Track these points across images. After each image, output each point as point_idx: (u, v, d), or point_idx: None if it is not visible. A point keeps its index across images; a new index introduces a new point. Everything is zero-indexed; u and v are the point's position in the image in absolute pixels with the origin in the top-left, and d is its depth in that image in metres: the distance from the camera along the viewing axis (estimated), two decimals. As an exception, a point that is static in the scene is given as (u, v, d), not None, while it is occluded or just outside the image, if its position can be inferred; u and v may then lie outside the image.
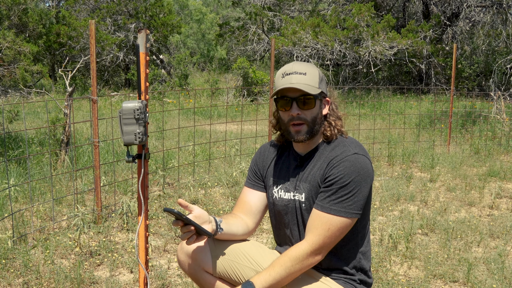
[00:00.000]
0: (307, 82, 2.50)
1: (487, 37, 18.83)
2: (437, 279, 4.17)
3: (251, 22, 21.15)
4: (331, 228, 2.43)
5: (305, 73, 2.52)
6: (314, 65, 2.59)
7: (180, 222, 2.41)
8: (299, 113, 2.51)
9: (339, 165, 2.46)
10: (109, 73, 20.77)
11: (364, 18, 16.94)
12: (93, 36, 5.06)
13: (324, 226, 2.43)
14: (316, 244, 2.45)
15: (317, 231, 2.44)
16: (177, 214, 2.35)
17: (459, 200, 6.42)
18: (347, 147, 2.53)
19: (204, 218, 2.49)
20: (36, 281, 3.95)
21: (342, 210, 2.43)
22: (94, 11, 20.12)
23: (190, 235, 2.43)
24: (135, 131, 2.52)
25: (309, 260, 2.46)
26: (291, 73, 2.52)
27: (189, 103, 15.28)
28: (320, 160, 2.57)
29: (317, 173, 2.54)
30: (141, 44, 2.56)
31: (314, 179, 2.54)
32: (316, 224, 2.45)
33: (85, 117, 11.91)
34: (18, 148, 7.81)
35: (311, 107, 2.52)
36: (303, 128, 2.53)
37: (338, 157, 2.49)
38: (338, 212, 2.43)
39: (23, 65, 15.68)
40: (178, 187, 6.57)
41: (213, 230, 2.51)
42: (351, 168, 2.44)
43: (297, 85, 2.48)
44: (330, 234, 2.44)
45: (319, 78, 2.55)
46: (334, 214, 2.43)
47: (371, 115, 12.45)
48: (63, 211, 5.64)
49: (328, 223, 2.43)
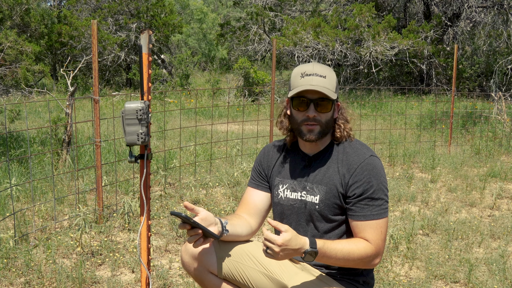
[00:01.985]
0: (326, 85, 2.51)
1: (488, 38, 18.82)
2: (438, 280, 4.17)
3: (252, 22, 21.16)
4: (382, 230, 2.53)
5: (325, 76, 2.53)
6: (331, 69, 2.61)
7: (187, 225, 2.41)
8: (315, 115, 2.53)
9: (363, 172, 2.53)
10: (110, 73, 20.77)
11: (365, 18, 16.95)
12: (95, 36, 5.06)
13: (377, 231, 2.51)
14: (377, 245, 2.52)
15: (375, 237, 2.51)
16: (185, 218, 2.34)
17: (460, 200, 6.43)
18: (360, 150, 2.59)
19: (210, 220, 2.49)
20: (38, 280, 3.96)
21: (382, 212, 2.53)
22: (95, 10, 20.13)
23: (197, 238, 2.43)
24: (138, 131, 2.53)
25: (374, 261, 2.54)
26: (312, 74, 2.52)
27: (190, 103, 15.29)
28: (333, 162, 2.59)
29: (335, 176, 2.57)
30: (144, 45, 2.57)
31: (332, 182, 2.56)
32: (370, 232, 2.51)
33: (86, 117, 11.92)
34: (20, 147, 7.82)
35: (328, 110, 2.54)
36: (316, 128, 2.55)
37: (357, 162, 2.55)
38: (379, 215, 2.52)
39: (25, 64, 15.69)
40: (179, 187, 6.58)
41: (219, 232, 2.52)
42: (374, 171, 2.53)
43: (318, 88, 2.48)
44: (384, 236, 2.54)
45: (336, 82, 2.58)
46: (377, 218, 2.51)
47: (372, 115, 12.46)
48: (64, 211, 5.65)
49: (379, 227, 2.52)
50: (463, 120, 11.53)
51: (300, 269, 2.68)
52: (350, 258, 2.45)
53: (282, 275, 2.65)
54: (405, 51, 17.53)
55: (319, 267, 2.66)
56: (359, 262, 2.49)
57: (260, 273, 2.65)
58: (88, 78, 19.73)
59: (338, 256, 2.43)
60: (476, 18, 18.76)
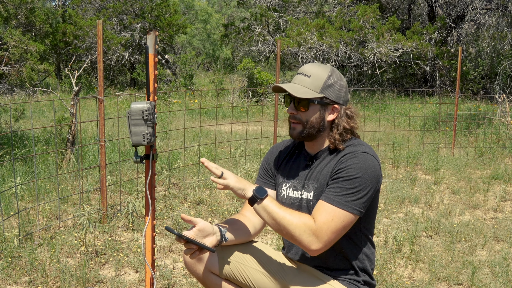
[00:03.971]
0: (306, 85, 2.52)
1: (492, 40, 18.80)
2: (441, 282, 4.18)
3: (256, 23, 21.17)
4: (335, 220, 2.41)
5: (309, 76, 2.53)
6: (330, 69, 2.57)
7: (182, 240, 2.43)
8: (294, 112, 2.56)
9: (347, 160, 2.47)
10: (114, 73, 20.82)
11: (369, 19, 16.95)
12: (100, 36, 5.08)
13: (328, 216, 2.41)
14: (320, 229, 2.41)
15: (323, 220, 2.41)
16: (178, 235, 2.37)
17: (463, 202, 6.43)
18: (357, 147, 2.54)
19: (208, 230, 2.47)
20: (42, 279, 3.97)
21: (344, 203, 2.41)
22: (100, 10, 20.18)
23: (193, 251, 2.45)
24: (143, 131, 2.54)
25: (309, 238, 2.41)
26: (299, 73, 2.57)
27: (194, 103, 15.30)
28: (328, 159, 2.58)
29: (326, 171, 2.55)
30: (150, 46, 2.58)
31: (323, 177, 2.55)
32: (320, 213, 2.43)
33: (90, 116, 11.95)
34: (24, 147, 7.84)
35: (305, 109, 2.54)
36: (297, 126, 2.57)
37: (348, 154, 2.50)
38: (340, 204, 2.41)
39: (30, 63, 15.72)
40: (183, 187, 6.59)
41: (218, 241, 2.50)
42: (358, 164, 2.45)
43: (288, 87, 2.52)
44: (334, 225, 2.40)
45: (324, 83, 2.53)
46: (336, 205, 2.41)
47: (376, 117, 12.46)
48: (68, 210, 5.66)
49: (332, 214, 2.41)
50: (467, 122, 11.53)
51: (301, 269, 2.70)
52: (284, 223, 2.41)
53: (284, 275, 2.66)
54: (409, 53, 17.53)
55: (319, 267, 2.67)
56: (293, 234, 2.41)
57: (261, 273, 2.66)
58: (92, 78, 19.77)
59: (274, 216, 2.43)
60: (480, 20, 18.74)
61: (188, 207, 5.89)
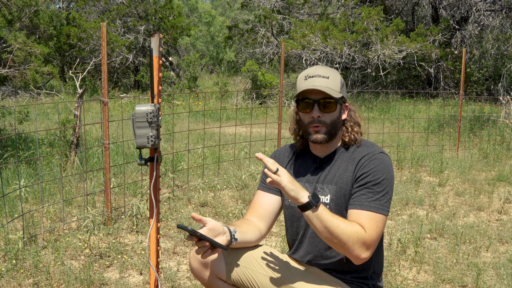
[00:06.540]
0: (329, 85, 2.53)
1: (496, 41, 18.78)
2: (446, 284, 4.17)
3: (260, 25, 21.17)
4: (379, 225, 2.43)
5: (327, 77, 2.55)
6: (336, 70, 2.62)
7: (194, 238, 2.38)
8: (320, 115, 2.54)
9: (369, 163, 2.50)
10: (118, 75, 20.86)
11: (373, 21, 16.94)
12: (104, 38, 5.08)
13: (373, 222, 2.41)
14: (370, 237, 2.39)
15: (370, 227, 2.40)
16: (191, 231, 2.32)
17: (468, 204, 6.41)
18: (371, 147, 2.58)
19: (218, 230, 2.43)
20: (46, 282, 3.97)
21: (380, 207, 2.44)
22: (104, 13, 20.23)
23: (205, 249, 2.37)
24: (148, 134, 2.55)
25: (360, 247, 2.37)
26: (314, 76, 2.55)
27: (198, 105, 15.32)
28: (344, 161, 2.59)
29: (345, 174, 2.55)
30: (155, 48, 2.58)
31: (342, 180, 2.55)
32: (365, 221, 2.41)
33: (94, 119, 11.97)
34: (29, 149, 7.86)
35: (332, 110, 2.55)
36: (322, 129, 2.56)
37: (366, 156, 2.53)
38: (377, 209, 2.44)
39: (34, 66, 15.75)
40: (187, 189, 6.59)
41: (228, 241, 2.45)
42: (381, 165, 2.50)
43: (320, 88, 2.50)
44: (379, 231, 2.42)
45: (340, 83, 2.59)
46: (374, 211, 2.43)
47: (380, 118, 12.44)
48: (73, 212, 5.67)
49: (375, 220, 2.42)
50: (471, 124, 11.51)
51: (309, 272, 2.68)
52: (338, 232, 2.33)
53: (292, 279, 2.64)
54: (413, 55, 17.52)
55: (328, 270, 2.66)
56: (346, 243, 2.35)
57: (269, 278, 2.65)
58: (96, 80, 19.80)
59: (328, 224, 2.33)
60: (484, 22, 18.72)
61: (192, 209, 5.89)
